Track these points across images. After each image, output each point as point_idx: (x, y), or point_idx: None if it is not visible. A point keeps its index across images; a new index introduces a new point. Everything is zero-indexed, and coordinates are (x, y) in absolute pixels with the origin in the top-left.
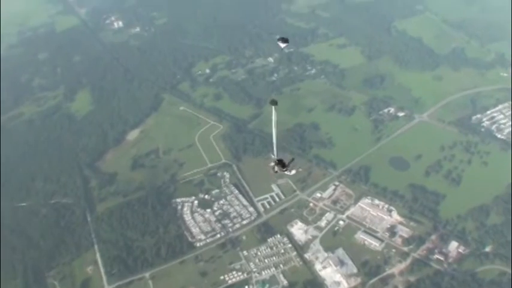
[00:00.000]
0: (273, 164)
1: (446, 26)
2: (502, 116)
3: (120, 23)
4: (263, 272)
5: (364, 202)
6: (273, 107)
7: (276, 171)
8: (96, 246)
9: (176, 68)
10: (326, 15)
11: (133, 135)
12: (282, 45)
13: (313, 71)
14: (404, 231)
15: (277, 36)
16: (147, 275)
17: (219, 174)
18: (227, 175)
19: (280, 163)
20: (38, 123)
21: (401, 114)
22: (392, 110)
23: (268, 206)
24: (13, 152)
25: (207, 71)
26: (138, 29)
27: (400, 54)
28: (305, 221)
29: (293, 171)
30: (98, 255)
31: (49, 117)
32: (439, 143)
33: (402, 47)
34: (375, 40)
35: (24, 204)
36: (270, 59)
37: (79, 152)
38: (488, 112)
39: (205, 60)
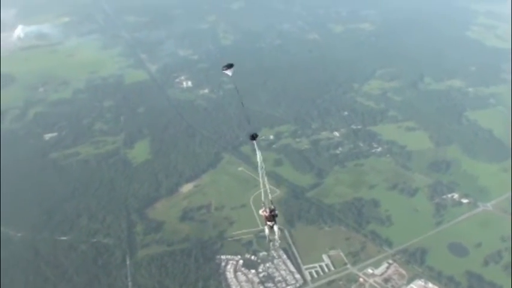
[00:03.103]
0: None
1: None
2: None
3: (190, 83)
4: None
5: (417, 284)
6: (254, 142)
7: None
8: None
9: (240, 130)
10: (397, 98)
11: (187, 188)
12: (228, 72)
13: (379, 149)
14: None
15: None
16: None
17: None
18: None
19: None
20: (93, 164)
21: (465, 201)
22: (456, 196)
23: (315, 275)
24: (63, 188)
25: (271, 137)
26: (206, 91)
27: (469, 143)
28: None
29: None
30: None
31: (105, 160)
32: (500, 233)
33: (472, 137)
34: (445, 127)
35: (64, 238)
36: (336, 133)
37: (129, 196)
38: None
39: (270, 127)
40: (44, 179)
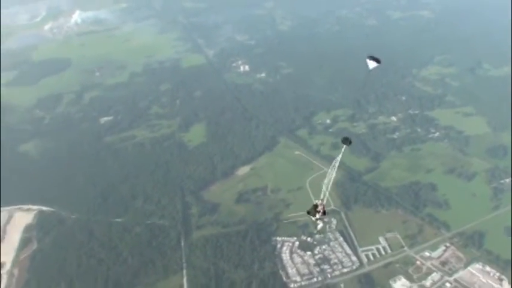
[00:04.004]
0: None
1: None
2: None
3: (247, 67)
4: None
5: (475, 267)
6: (344, 146)
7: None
8: (184, 271)
9: (296, 114)
10: (455, 84)
11: (243, 170)
12: (372, 65)
13: (437, 134)
14: None
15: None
16: None
17: (325, 219)
18: (334, 221)
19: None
20: (148, 147)
21: None
22: None
23: (372, 258)
24: (118, 171)
25: (328, 121)
26: (263, 75)
27: None
28: (409, 278)
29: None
30: (184, 280)
31: (160, 143)
32: None
33: None
34: (503, 113)
35: (119, 220)
36: (393, 118)
37: (185, 179)
38: None
39: (327, 111)
40: (99, 162)
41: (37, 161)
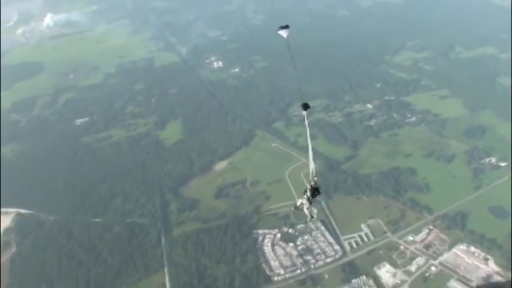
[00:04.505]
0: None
1: None
2: None
3: (220, 63)
4: None
5: (459, 249)
6: (305, 113)
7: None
8: (166, 269)
9: (272, 107)
10: (429, 68)
11: (221, 165)
12: (283, 33)
13: (413, 119)
14: None
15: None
16: None
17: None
18: (315, 211)
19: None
20: (125, 147)
21: (503, 164)
22: (493, 160)
23: (355, 246)
24: (96, 171)
25: (304, 112)
26: (237, 70)
27: (503, 107)
28: (394, 264)
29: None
30: (166, 278)
31: (137, 142)
32: None
33: (506, 101)
34: (478, 93)
35: (98, 220)
36: (369, 105)
37: (163, 176)
38: None
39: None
40: (76, 163)
41: (14, 164)
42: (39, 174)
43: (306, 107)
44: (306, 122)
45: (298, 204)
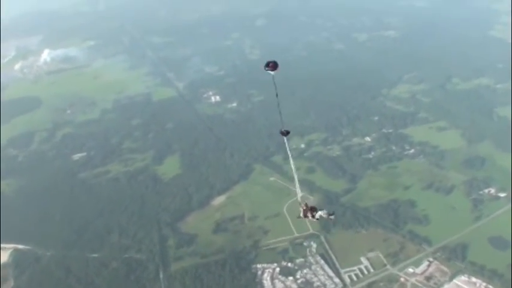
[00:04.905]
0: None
1: None
2: None
3: (218, 98)
4: None
5: (461, 280)
6: (285, 138)
7: (302, 216)
8: None
9: (270, 141)
10: (427, 100)
11: (219, 200)
12: (270, 71)
13: (412, 151)
14: None
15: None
16: None
17: (305, 243)
18: (314, 245)
19: (311, 210)
20: (122, 182)
21: (502, 194)
22: (493, 190)
23: (355, 279)
24: (93, 206)
25: (302, 146)
26: (234, 104)
27: (501, 138)
28: None
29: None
30: None
31: (135, 177)
32: None
33: (504, 132)
34: (476, 124)
35: (95, 255)
36: (367, 138)
37: (160, 211)
38: None
39: (301, 136)
40: (73, 198)
41: (11, 199)
42: (36, 209)
43: (285, 133)
44: (287, 148)
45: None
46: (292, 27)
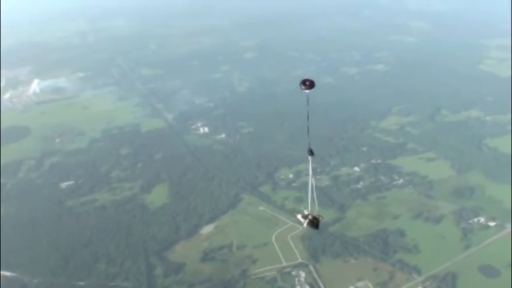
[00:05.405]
0: (303, 218)
1: None
2: None
3: (206, 129)
4: None
5: None
6: (310, 157)
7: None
8: None
9: (259, 172)
10: (416, 132)
11: (207, 229)
12: (306, 88)
13: (401, 181)
14: None
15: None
16: None
17: (293, 272)
18: (302, 274)
19: (313, 221)
20: (110, 210)
21: (492, 223)
22: (482, 219)
23: None
24: (80, 234)
25: (291, 176)
26: (223, 135)
27: (490, 168)
28: None
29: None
30: None
31: (122, 206)
32: None
33: (493, 162)
34: (465, 155)
35: (82, 283)
36: (356, 168)
37: (148, 240)
38: None
39: (289, 167)
40: (60, 226)
41: None
42: (23, 236)
43: (311, 153)
44: (310, 166)
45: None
46: (281, 61)
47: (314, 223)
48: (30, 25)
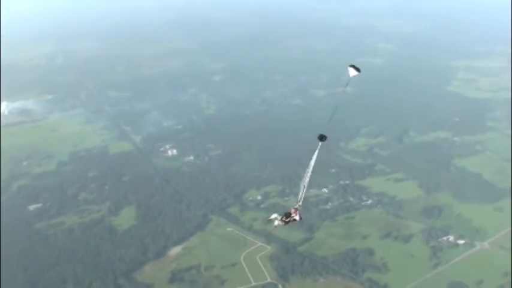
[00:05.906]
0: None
1: (507, 163)
2: None
3: (175, 151)
4: None
5: None
6: (320, 143)
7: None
8: None
9: (227, 193)
10: (384, 153)
11: (175, 250)
12: (352, 73)
13: (369, 201)
14: None
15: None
16: None
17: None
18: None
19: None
20: (77, 232)
21: (461, 241)
22: (451, 238)
23: None
24: (48, 256)
25: (259, 197)
26: (192, 157)
27: (459, 188)
28: None
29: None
30: None
31: (90, 228)
32: (501, 269)
33: (461, 182)
34: (433, 175)
35: None
36: (325, 190)
37: (116, 261)
38: None
39: (258, 188)
40: (28, 248)
41: None
42: None
43: (323, 138)
44: (316, 153)
45: (272, 217)
46: (250, 82)
47: (288, 218)
48: None
